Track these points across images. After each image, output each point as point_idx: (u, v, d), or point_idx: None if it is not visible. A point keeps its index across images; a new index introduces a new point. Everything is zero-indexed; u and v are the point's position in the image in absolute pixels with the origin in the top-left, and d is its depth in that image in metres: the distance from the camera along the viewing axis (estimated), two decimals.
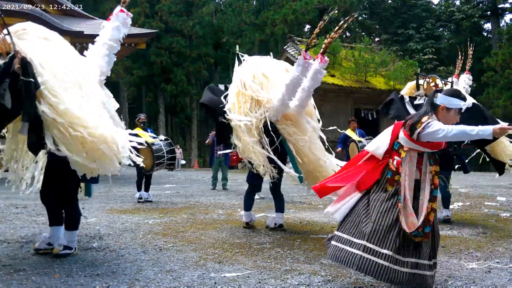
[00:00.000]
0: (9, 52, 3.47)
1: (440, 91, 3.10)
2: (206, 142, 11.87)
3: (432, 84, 5.71)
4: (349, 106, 20.94)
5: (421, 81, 5.89)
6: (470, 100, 5.87)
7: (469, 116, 4.50)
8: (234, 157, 10.53)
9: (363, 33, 33.12)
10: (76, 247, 3.94)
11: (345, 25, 4.67)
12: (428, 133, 2.86)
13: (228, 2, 37.59)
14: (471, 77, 6.44)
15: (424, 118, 2.92)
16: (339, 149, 10.06)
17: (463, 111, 3.03)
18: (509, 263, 3.72)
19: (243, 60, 5.34)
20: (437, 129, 2.84)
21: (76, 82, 3.58)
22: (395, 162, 2.99)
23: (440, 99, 3.01)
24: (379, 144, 3.10)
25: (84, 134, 3.28)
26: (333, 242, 3.09)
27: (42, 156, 4.02)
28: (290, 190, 8.93)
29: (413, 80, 6.32)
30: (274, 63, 5.47)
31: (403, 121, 3.08)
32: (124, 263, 3.66)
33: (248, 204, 5.36)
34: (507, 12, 34.54)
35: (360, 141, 9.52)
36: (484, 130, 2.74)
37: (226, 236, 4.81)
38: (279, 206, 5.30)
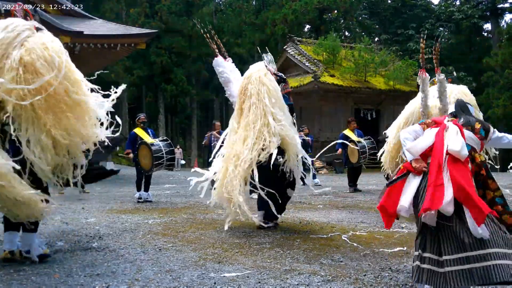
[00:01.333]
0: None
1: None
2: (203, 143, 11.84)
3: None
4: (349, 106, 20.96)
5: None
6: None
7: None
8: None
9: (363, 33, 33.12)
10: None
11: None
12: (495, 138, 3.04)
13: (228, 2, 37.61)
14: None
15: (478, 125, 3.03)
16: (339, 150, 10.05)
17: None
18: None
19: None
20: (502, 135, 3.06)
21: None
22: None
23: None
24: (462, 145, 2.87)
25: None
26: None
27: None
28: None
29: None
30: None
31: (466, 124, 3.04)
32: (124, 263, 3.66)
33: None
34: (506, 12, 34.53)
35: (359, 142, 9.53)
36: None
37: (225, 236, 4.81)
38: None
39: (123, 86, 4.02)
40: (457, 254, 2.61)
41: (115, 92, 3.92)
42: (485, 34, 38.31)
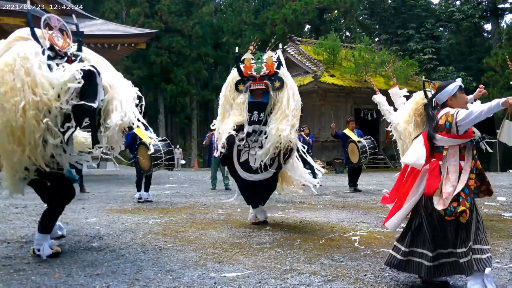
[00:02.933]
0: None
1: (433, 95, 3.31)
2: (204, 143, 11.84)
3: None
4: (349, 106, 20.98)
5: (428, 89, 5.81)
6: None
7: None
8: None
9: (363, 33, 33.13)
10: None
11: None
12: (462, 119, 2.92)
13: (228, 2, 37.61)
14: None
15: (443, 112, 3.06)
16: (333, 124, 10.25)
17: (462, 86, 3.17)
18: (509, 263, 3.72)
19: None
20: (467, 112, 2.93)
21: None
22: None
23: (441, 96, 3.15)
24: (418, 156, 3.09)
25: None
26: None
27: None
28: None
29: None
30: None
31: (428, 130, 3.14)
32: (124, 263, 3.66)
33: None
34: (507, 12, 34.54)
35: (359, 141, 9.52)
36: (494, 103, 2.87)
37: (226, 236, 4.81)
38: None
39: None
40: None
41: None
42: (485, 34, 38.34)
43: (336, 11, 36.70)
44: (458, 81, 3.17)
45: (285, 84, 5.26)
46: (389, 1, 38.05)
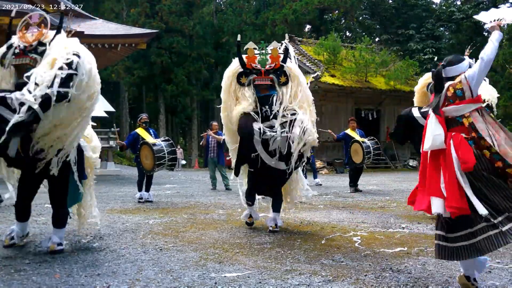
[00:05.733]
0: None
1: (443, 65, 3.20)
2: (201, 143, 11.84)
3: None
4: (350, 106, 20.97)
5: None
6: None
7: None
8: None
9: (364, 33, 33.12)
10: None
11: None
12: (474, 77, 2.97)
13: (229, 2, 37.61)
14: None
15: (448, 84, 3.07)
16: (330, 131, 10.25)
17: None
18: (509, 263, 3.72)
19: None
20: (477, 65, 2.97)
21: None
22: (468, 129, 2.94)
23: (452, 71, 3.15)
24: (433, 137, 2.92)
25: None
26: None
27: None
28: None
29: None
30: None
31: (437, 105, 3.04)
32: (125, 263, 3.66)
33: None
34: None
35: (363, 142, 9.47)
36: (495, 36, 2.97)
37: (226, 236, 4.81)
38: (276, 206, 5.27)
39: None
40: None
41: None
42: (486, 34, 38.28)
43: (336, 11, 36.70)
44: (467, 60, 3.21)
45: (293, 79, 4.92)
46: (390, 1, 38.04)
